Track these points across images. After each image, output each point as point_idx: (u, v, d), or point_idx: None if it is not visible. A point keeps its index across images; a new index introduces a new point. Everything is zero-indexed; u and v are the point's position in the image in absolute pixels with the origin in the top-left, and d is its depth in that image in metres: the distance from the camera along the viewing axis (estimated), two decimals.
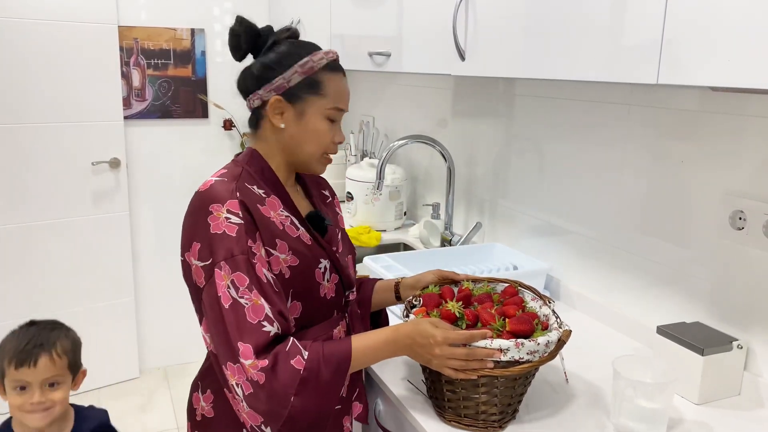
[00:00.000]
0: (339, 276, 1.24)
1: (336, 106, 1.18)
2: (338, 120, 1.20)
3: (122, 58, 2.87)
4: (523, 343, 1.03)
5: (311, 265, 1.17)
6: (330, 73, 1.18)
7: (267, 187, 1.17)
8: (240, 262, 1.04)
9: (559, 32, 1.21)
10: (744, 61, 0.87)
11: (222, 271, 1.04)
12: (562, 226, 1.74)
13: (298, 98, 1.16)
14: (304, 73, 1.15)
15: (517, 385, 1.09)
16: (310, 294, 1.17)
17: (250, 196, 1.12)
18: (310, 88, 1.16)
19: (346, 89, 1.21)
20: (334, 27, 2.29)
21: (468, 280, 1.31)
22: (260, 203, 1.13)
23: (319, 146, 1.19)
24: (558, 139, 1.73)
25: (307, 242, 1.17)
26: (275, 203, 1.16)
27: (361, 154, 2.79)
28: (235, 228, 1.06)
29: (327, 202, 1.35)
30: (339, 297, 1.25)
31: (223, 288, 1.04)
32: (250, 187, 1.14)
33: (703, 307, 1.36)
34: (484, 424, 1.10)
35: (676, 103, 1.38)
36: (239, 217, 1.07)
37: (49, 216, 2.81)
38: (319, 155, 1.20)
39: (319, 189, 1.36)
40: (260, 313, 1.03)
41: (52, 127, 2.75)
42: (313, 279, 1.17)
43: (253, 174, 1.17)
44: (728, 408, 1.22)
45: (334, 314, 1.24)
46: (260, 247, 1.09)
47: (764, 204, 1.21)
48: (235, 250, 1.05)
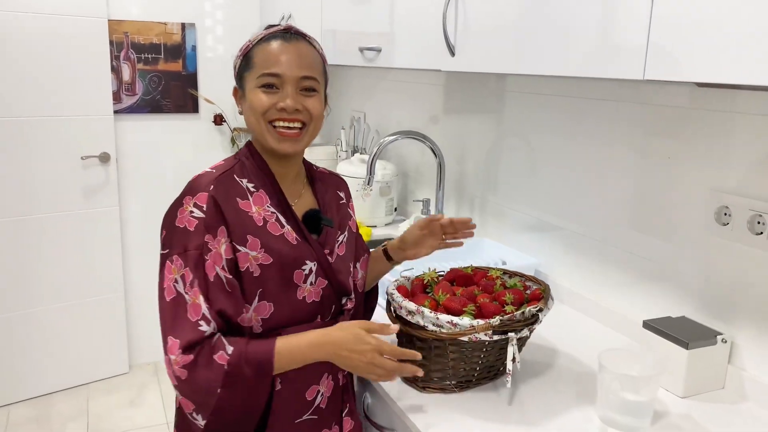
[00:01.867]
0: (328, 281, 1.18)
1: (263, 71, 1.11)
2: (279, 85, 1.11)
3: (112, 53, 2.86)
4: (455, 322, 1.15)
5: (290, 265, 1.13)
6: (261, 44, 1.13)
7: (258, 181, 1.15)
8: (190, 257, 1.05)
9: (547, 28, 1.21)
10: (730, 57, 0.88)
11: (173, 264, 1.05)
12: (551, 222, 1.75)
13: (241, 80, 1.16)
14: (242, 55, 1.16)
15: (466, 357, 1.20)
16: (284, 295, 1.12)
17: (232, 190, 1.11)
18: (246, 66, 1.14)
19: (278, 52, 1.12)
20: (325, 22, 2.29)
21: (497, 269, 1.42)
22: (242, 197, 1.12)
23: (258, 116, 1.12)
24: (548, 135, 1.74)
25: (291, 241, 1.14)
26: (262, 198, 1.14)
27: (352, 150, 2.79)
28: (194, 222, 1.06)
29: (340, 203, 1.30)
30: (326, 302, 1.19)
31: (169, 281, 1.05)
32: (239, 180, 1.13)
33: (689, 302, 1.37)
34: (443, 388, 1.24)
35: (664, 99, 1.39)
36: (202, 211, 1.06)
37: (38, 210, 2.79)
38: (264, 126, 1.12)
39: (335, 189, 1.31)
40: (198, 312, 1.03)
41: (42, 121, 2.73)
42: (289, 280, 1.13)
43: (249, 167, 1.16)
44: (712, 401, 1.24)
45: (316, 319, 1.17)
46: (221, 243, 1.06)
47: (749, 200, 1.22)
48: (189, 245, 1.05)
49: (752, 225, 1.22)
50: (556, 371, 1.34)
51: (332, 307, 1.20)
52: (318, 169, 1.32)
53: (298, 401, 1.16)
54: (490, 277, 1.35)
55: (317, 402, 1.18)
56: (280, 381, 1.12)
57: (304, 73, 1.12)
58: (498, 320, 1.14)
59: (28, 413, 2.80)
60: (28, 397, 2.90)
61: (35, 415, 2.79)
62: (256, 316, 1.10)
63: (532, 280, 1.35)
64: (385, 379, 1.12)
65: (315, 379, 1.17)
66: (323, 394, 1.19)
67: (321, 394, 1.18)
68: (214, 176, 1.11)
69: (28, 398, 2.90)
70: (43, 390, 2.94)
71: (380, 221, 2.42)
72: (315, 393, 1.17)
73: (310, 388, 1.16)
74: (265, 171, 1.17)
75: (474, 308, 1.19)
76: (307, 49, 1.15)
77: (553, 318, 1.58)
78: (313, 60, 1.15)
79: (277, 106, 1.11)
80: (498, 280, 1.33)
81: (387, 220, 2.44)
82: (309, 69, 1.13)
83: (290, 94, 1.11)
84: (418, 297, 1.24)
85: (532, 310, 1.19)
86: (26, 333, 2.85)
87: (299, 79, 1.12)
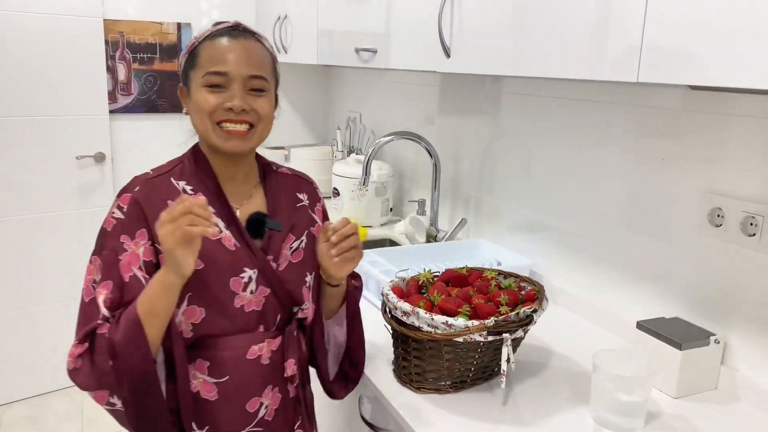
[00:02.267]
0: (272, 289, 1.12)
1: (209, 70, 1.06)
2: (226, 84, 1.07)
3: (108, 52, 2.85)
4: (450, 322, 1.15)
5: (225, 271, 1.08)
6: (207, 42, 1.08)
7: (198, 183, 1.12)
8: (104, 258, 1.05)
9: (542, 30, 1.22)
10: (722, 61, 0.89)
11: (92, 265, 1.06)
12: (546, 223, 1.76)
13: (186, 78, 1.11)
14: (187, 53, 1.11)
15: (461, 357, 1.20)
16: (217, 301, 1.07)
17: (164, 192, 1.09)
18: (191, 64, 1.10)
19: (225, 50, 1.07)
20: (321, 23, 2.30)
21: (493, 270, 1.41)
22: (173, 199, 1.08)
23: (203, 116, 1.07)
24: (543, 137, 1.75)
25: (229, 247, 1.09)
26: None
27: (348, 150, 2.79)
28: (113, 223, 1.07)
29: (298, 207, 1.22)
30: (269, 311, 1.13)
31: (88, 282, 1.06)
32: (175, 182, 1.11)
33: (682, 303, 1.38)
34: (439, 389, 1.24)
35: (658, 101, 1.40)
36: (122, 212, 1.06)
37: (33, 210, 2.79)
38: (210, 126, 1.07)
39: (293, 191, 1.23)
40: (98, 312, 1.02)
41: (37, 120, 2.72)
42: (224, 287, 1.08)
43: (189, 169, 1.13)
44: (705, 402, 1.24)
45: (258, 329, 1.12)
46: (140, 244, 1.05)
47: (742, 202, 1.23)
48: (105, 247, 1.06)
49: (745, 226, 1.23)
50: (551, 372, 1.34)
51: (277, 316, 1.14)
52: (278, 170, 1.25)
53: (238, 413, 1.11)
54: (485, 277, 1.36)
55: (261, 414, 1.13)
56: (217, 392, 1.09)
57: (252, 72, 1.08)
58: (493, 321, 1.14)
59: (23, 413, 2.80)
60: (23, 398, 2.90)
61: (30, 415, 2.78)
62: (186, 320, 1.06)
63: (527, 281, 1.36)
64: (188, 233, 0.95)
65: (256, 391, 1.12)
66: (268, 406, 1.14)
67: (265, 406, 1.13)
68: (145, 178, 1.11)
69: (22, 398, 2.89)
70: (37, 390, 2.93)
71: (376, 221, 2.42)
72: (257, 405, 1.12)
73: (251, 400, 1.12)
74: (207, 173, 1.13)
75: (469, 309, 1.20)
76: (255, 47, 1.10)
77: (548, 318, 1.59)
78: (262, 58, 1.10)
79: (223, 105, 1.06)
80: (493, 281, 1.33)
81: (383, 220, 2.44)
82: (257, 68, 1.09)
83: (237, 94, 1.06)
84: (413, 297, 1.25)
85: (527, 311, 1.19)
86: (21, 333, 2.85)
87: (247, 78, 1.07)
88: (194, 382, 1.09)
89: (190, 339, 1.07)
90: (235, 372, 1.10)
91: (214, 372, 1.09)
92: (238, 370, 1.10)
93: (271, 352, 1.13)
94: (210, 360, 1.09)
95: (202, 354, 1.09)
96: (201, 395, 1.09)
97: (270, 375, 1.13)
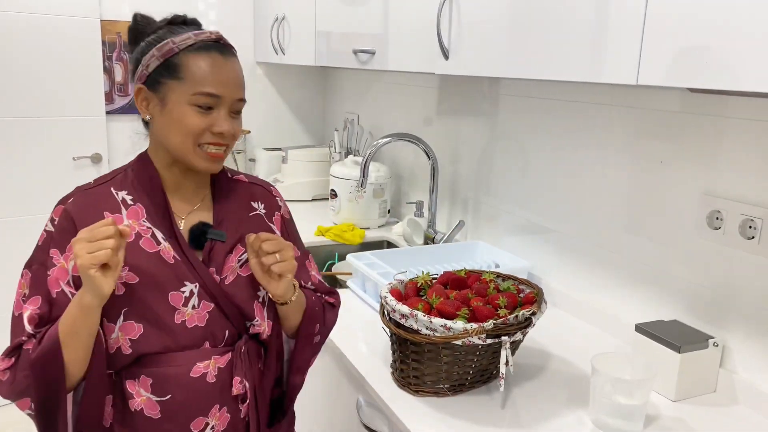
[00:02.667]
0: (215, 304, 1.07)
1: (199, 90, 1.01)
2: (215, 106, 1.03)
3: (105, 53, 2.85)
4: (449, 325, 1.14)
5: (162, 285, 1.03)
6: (193, 54, 1.02)
7: (139, 194, 1.08)
8: (33, 273, 1.03)
9: (541, 33, 1.22)
10: (722, 64, 0.89)
11: (23, 278, 1.05)
12: (544, 225, 1.76)
13: (158, 84, 1.03)
14: (162, 56, 1.03)
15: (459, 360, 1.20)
16: (155, 317, 1.03)
17: (101, 203, 1.05)
18: (169, 72, 1.02)
19: (217, 70, 1.02)
20: (318, 24, 2.29)
21: (492, 273, 1.39)
22: (113, 210, 1.05)
23: (186, 136, 1.02)
24: (541, 139, 1.75)
25: (168, 260, 1.04)
26: (138, 212, 1.06)
27: (346, 152, 2.79)
28: (44, 237, 1.05)
29: (251, 216, 1.16)
30: (214, 327, 1.07)
31: (18, 295, 1.05)
32: (116, 191, 1.07)
33: (681, 306, 1.38)
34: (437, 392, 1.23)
35: (657, 104, 1.40)
36: (53, 225, 1.05)
37: (29, 211, 2.77)
38: (190, 147, 1.03)
39: (247, 200, 1.17)
40: (32, 321, 1.01)
41: (33, 121, 2.71)
42: (163, 302, 1.03)
43: (133, 177, 1.09)
44: (704, 404, 1.24)
45: (203, 345, 1.07)
46: (70, 258, 1.01)
47: (741, 204, 1.23)
48: (35, 260, 1.05)
49: (744, 229, 1.23)
50: (549, 374, 1.34)
51: (225, 332, 1.08)
52: (234, 176, 1.20)
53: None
54: (484, 280, 1.35)
55: None
56: (160, 410, 1.05)
57: (239, 96, 1.05)
58: (491, 324, 1.14)
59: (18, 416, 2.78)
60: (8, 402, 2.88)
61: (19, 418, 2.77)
62: (123, 335, 1.02)
63: (526, 284, 1.35)
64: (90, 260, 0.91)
65: (201, 410, 1.06)
66: (214, 427, 1.08)
67: (211, 426, 1.07)
68: (82, 189, 1.09)
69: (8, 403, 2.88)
70: None
71: (373, 223, 2.42)
72: (202, 425, 1.07)
73: (196, 419, 1.06)
74: (152, 182, 1.08)
75: (467, 312, 1.19)
76: (239, 66, 1.07)
77: (546, 321, 1.58)
78: (243, 78, 1.08)
79: (212, 129, 1.03)
80: (491, 283, 1.33)
81: (380, 222, 2.44)
82: (242, 90, 1.07)
83: (225, 118, 1.03)
84: (411, 300, 1.24)
85: (526, 313, 1.19)
86: None
87: (234, 102, 1.05)
88: (138, 399, 1.05)
89: (130, 356, 1.04)
90: (178, 390, 1.05)
91: (157, 390, 1.04)
92: (181, 388, 1.05)
93: (218, 370, 1.07)
94: (152, 377, 1.04)
95: (145, 371, 1.05)
96: (144, 413, 1.05)
97: (217, 394, 1.07)
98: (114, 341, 1.02)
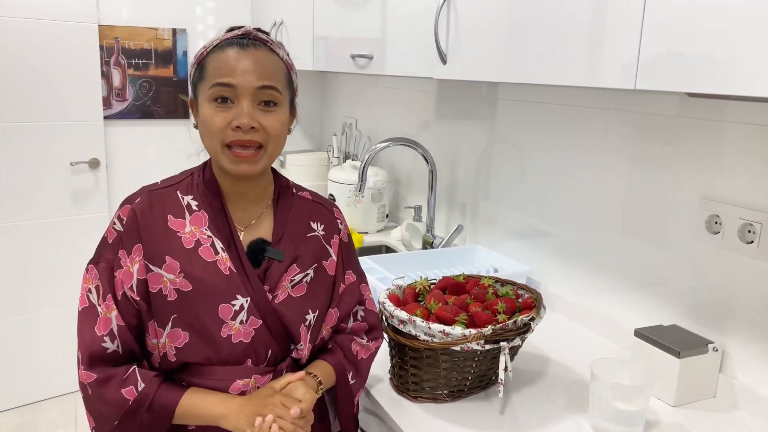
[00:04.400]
0: (263, 321, 1.05)
1: (215, 81, 1.00)
2: (233, 98, 1.00)
3: (102, 58, 2.84)
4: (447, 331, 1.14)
5: (215, 297, 1.02)
6: (216, 52, 1.02)
7: (203, 200, 1.07)
8: (102, 269, 1.03)
9: (539, 37, 1.22)
10: (719, 68, 0.89)
11: (89, 273, 1.05)
12: (543, 229, 1.75)
13: (195, 90, 1.04)
14: (196, 62, 1.05)
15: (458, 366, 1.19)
16: (202, 327, 1.02)
17: (167, 205, 1.06)
18: (199, 74, 1.04)
19: (233, 60, 1.00)
20: (316, 29, 2.29)
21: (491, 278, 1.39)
22: (177, 215, 1.05)
23: (212, 137, 1.02)
24: (539, 143, 1.74)
25: (223, 271, 1.04)
26: (201, 219, 1.06)
27: (344, 156, 2.78)
28: (114, 235, 1.05)
29: (309, 236, 1.14)
30: (258, 345, 1.05)
31: (84, 290, 1.05)
32: (182, 196, 1.07)
33: (680, 310, 1.37)
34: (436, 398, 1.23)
35: (655, 108, 1.40)
36: (122, 224, 1.04)
37: (27, 216, 2.77)
38: (218, 148, 1.02)
39: (307, 219, 1.15)
40: (106, 327, 1.01)
41: (31, 126, 2.71)
42: (212, 313, 1.02)
43: (198, 183, 1.09)
44: (704, 410, 1.24)
45: (246, 363, 1.05)
46: (135, 261, 1.02)
47: (739, 209, 1.23)
48: (103, 257, 1.04)
49: (743, 234, 1.22)
50: (548, 380, 1.33)
51: (268, 351, 1.07)
52: (298, 193, 1.18)
53: None
54: (482, 285, 1.35)
55: None
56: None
57: (262, 83, 1.00)
58: (490, 330, 1.13)
59: (17, 421, 2.77)
60: (17, 405, 2.87)
61: (24, 422, 2.76)
62: (170, 342, 1.02)
63: (524, 288, 1.35)
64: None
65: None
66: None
67: None
68: (151, 189, 1.09)
69: (16, 406, 2.87)
70: (31, 398, 2.90)
71: (372, 228, 2.41)
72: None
73: None
74: (214, 190, 1.08)
75: (466, 317, 1.19)
76: (266, 56, 1.03)
77: (545, 326, 1.58)
78: (273, 68, 1.03)
79: (231, 124, 1.00)
80: (490, 289, 1.33)
81: (379, 226, 2.43)
82: (268, 78, 1.01)
83: (246, 110, 1.00)
84: (409, 306, 1.24)
85: (525, 319, 1.19)
86: (14, 340, 2.82)
87: (256, 90, 1.00)
88: None
89: (175, 363, 1.04)
90: None
91: None
92: None
93: (257, 390, 1.05)
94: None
95: (185, 380, 1.05)
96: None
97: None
98: (162, 346, 1.04)
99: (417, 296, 1.32)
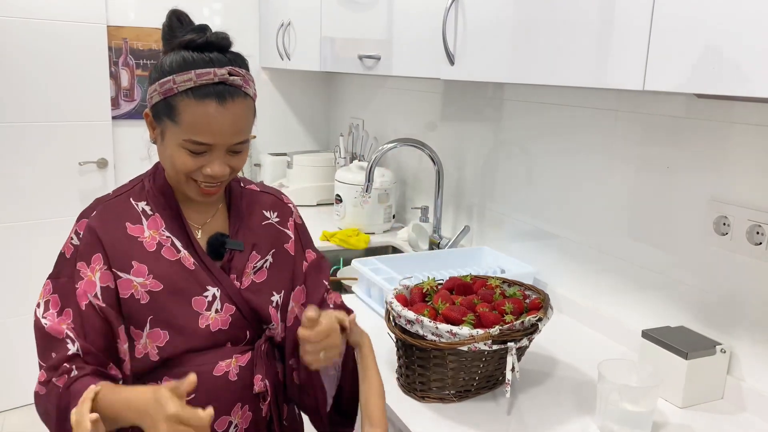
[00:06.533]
0: (236, 307, 1.09)
1: (189, 138, 0.99)
2: (208, 151, 1.01)
3: (111, 58, 2.86)
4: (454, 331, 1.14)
5: (186, 291, 1.05)
6: (190, 100, 0.98)
7: (157, 204, 1.09)
8: (61, 285, 1.04)
9: (547, 38, 1.22)
10: (727, 69, 0.89)
11: (45, 288, 1.05)
12: (550, 231, 1.75)
13: (158, 118, 1.03)
14: (162, 93, 1.00)
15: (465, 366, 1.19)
16: (180, 323, 1.04)
17: (123, 214, 1.07)
18: (167, 111, 1.01)
19: (211, 119, 0.98)
20: (324, 29, 2.30)
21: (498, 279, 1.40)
22: (134, 221, 1.07)
23: (177, 173, 1.03)
24: (546, 144, 1.74)
25: (188, 267, 1.07)
26: (157, 222, 1.08)
27: (351, 157, 2.79)
28: (71, 250, 1.05)
29: (264, 225, 1.17)
30: (236, 329, 1.09)
31: (43, 304, 1.04)
32: (135, 203, 1.09)
33: (688, 312, 1.37)
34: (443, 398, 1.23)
35: (663, 109, 1.39)
36: (78, 238, 1.05)
37: (35, 216, 2.78)
38: (183, 180, 1.04)
39: (260, 209, 1.18)
40: (60, 333, 1.00)
41: (40, 126, 2.72)
42: (187, 307, 1.05)
43: (150, 188, 1.10)
44: (711, 412, 1.23)
45: (225, 346, 1.08)
46: (96, 270, 1.03)
47: (748, 210, 1.22)
48: (62, 273, 1.05)
49: (751, 235, 1.22)
50: (555, 381, 1.33)
51: (246, 334, 1.11)
52: (247, 186, 1.21)
53: None
54: (489, 286, 1.35)
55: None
56: None
57: (238, 139, 1.02)
58: (497, 330, 1.13)
59: (23, 420, 2.79)
60: (23, 404, 2.89)
61: (30, 421, 2.77)
62: (151, 343, 1.04)
63: (532, 289, 1.35)
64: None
65: (224, 409, 1.07)
66: (237, 425, 1.09)
67: (234, 425, 1.09)
68: (104, 200, 1.10)
69: (22, 405, 2.88)
70: None
71: (378, 228, 2.41)
72: (226, 424, 1.08)
73: (220, 419, 1.07)
74: (166, 194, 1.10)
75: (473, 318, 1.19)
76: (242, 107, 1.01)
77: (552, 327, 1.58)
78: (247, 118, 1.03)
79: (203, 171, 1.02)
80: (497, 289, 1.33)
81: (385, 227, 2.44)
82: (243, 132, 1.03)
83: (217, 161, 1.02)
84: (417, 306, 1.24)
85: (532, 319, 1.19)
86: (22, 339, 2.84)
87: (231, 145, 1.02)
88: None
89: (157, 362, 1.05)
90: (202, 389, 1.03)
91: None
92: (204, 386, 1.04)
93: (240, 368, 1.09)
94: (175, 377, 1.02)
95: (168, 372, 1.05)
96: None
97: (239, 392, 1.08)
98: (142, 347, 1.04)
99: (424, 296, 1.32)
